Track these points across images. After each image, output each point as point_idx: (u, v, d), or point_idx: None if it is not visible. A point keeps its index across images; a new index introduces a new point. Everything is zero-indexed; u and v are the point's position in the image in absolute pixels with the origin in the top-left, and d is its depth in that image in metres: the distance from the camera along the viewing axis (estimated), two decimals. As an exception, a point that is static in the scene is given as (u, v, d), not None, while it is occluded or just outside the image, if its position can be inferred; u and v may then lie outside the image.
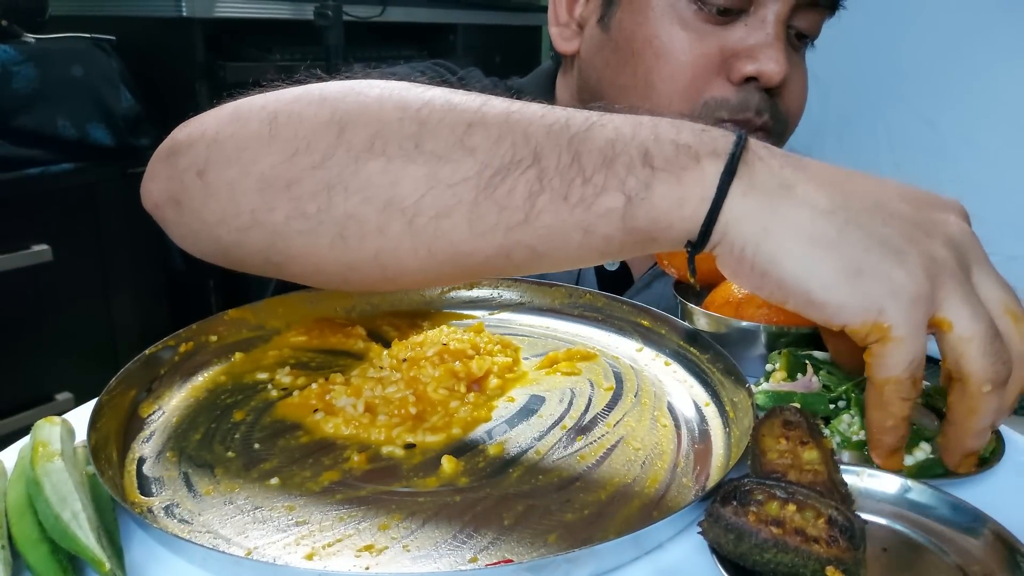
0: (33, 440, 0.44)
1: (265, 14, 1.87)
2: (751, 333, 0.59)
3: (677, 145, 0.41)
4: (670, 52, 0.71)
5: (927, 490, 0.43)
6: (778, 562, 0.36)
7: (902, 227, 0.40)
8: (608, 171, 0.41)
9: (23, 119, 1.51)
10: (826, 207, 0.40)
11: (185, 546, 0.38)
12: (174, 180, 0.50)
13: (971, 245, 0.41)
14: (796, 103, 0.76)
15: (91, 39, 1.68)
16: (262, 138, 0.46)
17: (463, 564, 0.39)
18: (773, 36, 0.69)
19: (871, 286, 0.39)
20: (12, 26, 1.56)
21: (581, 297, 0.68)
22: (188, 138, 0.50)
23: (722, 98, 0.71)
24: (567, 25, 0.81)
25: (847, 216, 0.40)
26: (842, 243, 0.39)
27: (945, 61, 2.04)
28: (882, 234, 0.39)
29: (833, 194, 0.40)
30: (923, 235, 0.40)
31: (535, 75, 0.91)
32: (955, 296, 0.39)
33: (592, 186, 0.41)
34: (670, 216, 0.41)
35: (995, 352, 0.39)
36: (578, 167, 0.41)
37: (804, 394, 0.52)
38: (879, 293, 0.38)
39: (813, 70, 0.81)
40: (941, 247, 0.39)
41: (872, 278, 0.39)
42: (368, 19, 2.03)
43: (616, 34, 0.75)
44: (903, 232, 0.39)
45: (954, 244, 0.40)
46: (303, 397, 0.53)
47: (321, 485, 0.45)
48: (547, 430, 0.51)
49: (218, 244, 0.50)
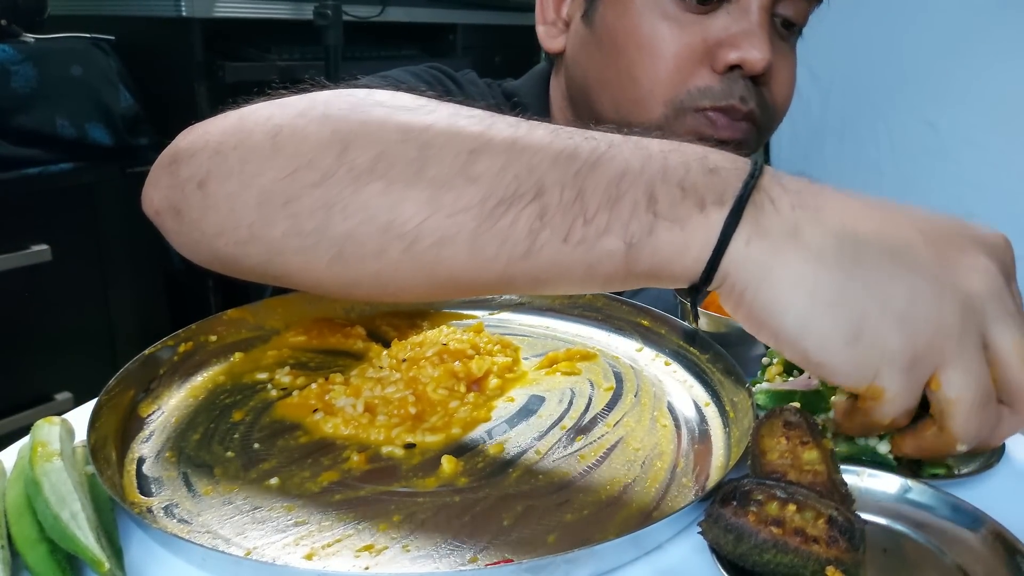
0: (32, 440, 0.44)
1: (264, 14, 1.86)
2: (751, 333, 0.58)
3: (684, 189, 0.40)
4: (652, 44, 0.71)
5: (927, 490, 0.43)
6: (778, 562, 0.36)
7: (912, 285, 0.37)
8: (611, 213, 0.40)
9: (22, 119, 1.51)
10: (831, 259, 0.38)
11: (184, 546, 0.38)
12: (175, 189, 0.49)
13: (992, 297, 0.38)
14: (783, 92, 0.75)
15: (90, 39, 1.68)
16: (264, 152, 0.46)
17: (463, 564, 0.39)
18: (756, 24, 0.69)
19: (868, 352, 0.38)
20: (11, 26, 1.56)
21: (581, 297, 0.68)
22: (190, 147, 0.49)
23: (705, 87, 0.70)
24: (554, 23, 0.81)
25: (852, 271, 0.38)
26: (842, 303, 0.37)
27: (945, 61, 2.04)
28: (887, 294, 0.37)
29: (843, 243, 0.38)
30: (933, 296, 0.37)
31: (529, 76, 0.91)
32: (951, 362, 0.37)
33: (594, 227, 0.40)
34: (672, 263, 0.40)
35: (980, 418, 0.39)
36: (581, 205, 0.40)
37: (804, 393, 0.52)
38: (875, 359, 0.38)
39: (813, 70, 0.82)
40: (950, 308, 0.37)
41: (870, 344, 0.37)
42: (368, 19, 2.03)
43: (599, 29, 0.75)
44: (911, 292, 0.37)
45: (968, 302, 0.38)
46: (302, 397, 0.53)
47: (320, 485, 0.45)
48: (547, 430, 0.51)
49: (217, 255, 0.49)
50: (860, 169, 2.17)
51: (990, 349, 0.38)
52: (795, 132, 2.28)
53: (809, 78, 2.24)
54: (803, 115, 2.26)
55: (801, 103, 2.26)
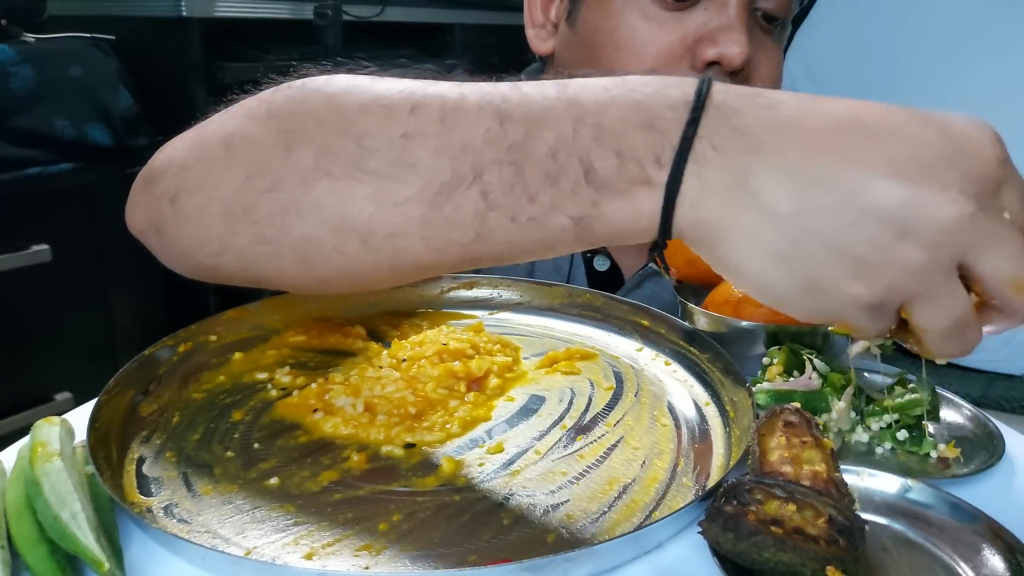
0: (32, 440, 0.44)
1: (264, 14, 1.86)
2: (751, 333, 0.59)
3: (620, 155, 0.38)
4: (631, 44, 0.71)
5: (927, 490, 0.43)
6: (778, 561, 0.36)
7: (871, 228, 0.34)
8: (554, 190, 0.39)
9: (21, 119, 1.51)
10: (784, 211, 0.35)
11: (184, 546, 0.38)
12: (151, 207, 0.50)
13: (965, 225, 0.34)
14: (767, 86, 0.72)
15: (89, 39, 1.68)
16: (221, 162, 0.47)
17: (463, 564, 0.39)
18: (734, 18, 0.68)
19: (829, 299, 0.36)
20: (10, 26, 1.56)
21: (580, 297, 0.68)
22: (161, 165, 0.50)
23: None
24: (543, 26, 0.81)
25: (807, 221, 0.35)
26: (798, 256, 0.35)
27: (945, 61, 2.04)
28: (843, 242, 0.35)
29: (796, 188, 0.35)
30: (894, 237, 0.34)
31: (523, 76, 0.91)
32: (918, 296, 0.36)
33: (539, 206, 0.39)
34: (625, 231, 0.39)
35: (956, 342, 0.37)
36: (522, 185, 0.39)
37: (804, 393, 0.52)
38: (837, 306, 0.37)
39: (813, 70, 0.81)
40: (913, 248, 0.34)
41: (830, 292, 0.36)
42: (367, 19, 2.03)
43: (581, 30, 0.75)
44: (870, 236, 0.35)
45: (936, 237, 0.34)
46: (302, 397, 0.53)
47: (320, 485, 0.45)
48: (547, 430, 0.51)
49: (199, 267, 0.50)
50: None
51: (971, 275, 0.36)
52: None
53: (809, 78, 2.24)
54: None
55: (801, 103, 2.26)
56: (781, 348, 0.56)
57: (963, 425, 0.54)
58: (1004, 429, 0.52)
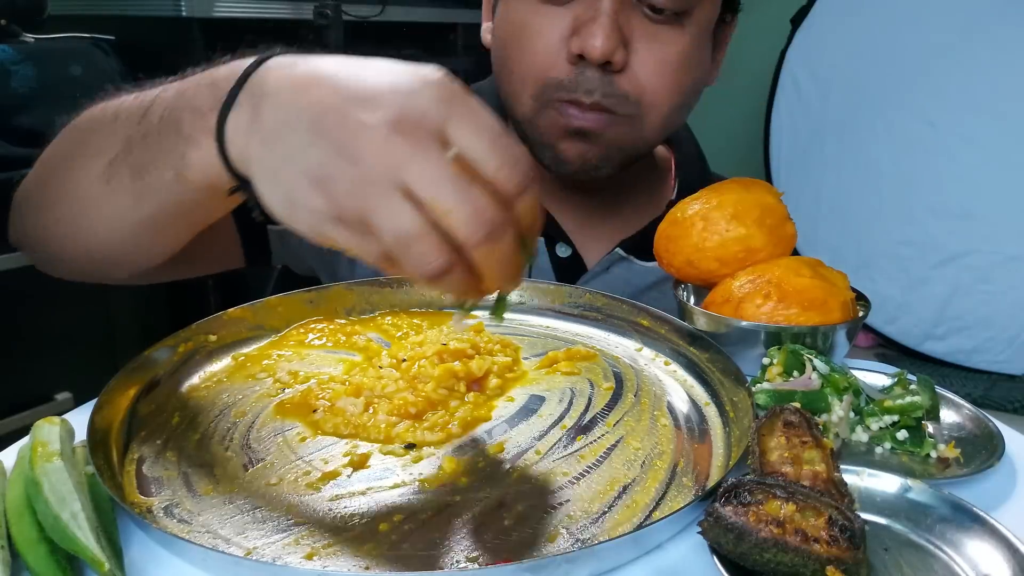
0: (32, 440, 0.44)
1: (264, 14, 1.86)
2: (751, 333, 0.59)
3: (194, 110, 0.47)
4: (517, 38, 0.73)
5: (927, 490, 0.43)
6: (778, 562, 0.36)
7: (321, 151, 0.40)
8: (161, 148, 0.49)
9: (22, 118, 1.51)
10: (268, 140, 0.42)
11: (184, 546, 0.38)
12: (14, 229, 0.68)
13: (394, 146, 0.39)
14: (653, 80, 0.71)
15: (90, 39, 1.68)
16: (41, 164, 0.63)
17: (463, 564, 0.39)
18: (599, 11, 0.68)
19: (304, 214, 0.41)
20: (11, 25, 1.56)
21: (580, 297, 0.68)
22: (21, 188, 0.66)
23: (557, 79, 0.71)
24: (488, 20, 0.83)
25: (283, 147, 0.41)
26: (280, 177, 0.42)
27: (945, 61, 2.04)
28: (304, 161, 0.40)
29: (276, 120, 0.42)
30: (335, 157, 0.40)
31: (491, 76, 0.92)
32: (367, 214, 0.39)
33: (157, 166, 0.49)
34: (211, 173, 0.46)
35: (408, 257, 0.40)
36: (148, 153, 0.50)
37: (804, 393, 0.52)
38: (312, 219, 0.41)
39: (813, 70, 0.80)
40: (348, 165, 0.39)
41: (302, 208, 0.41)
42: (368, 19, 2.03)
43: (496, 24, 0.78)
44: (321, 157, 0.40)
45: (365, 157, 0.39)
46: (303, 396, 0.53)
47: (321, 485, 0.45)
48: (547, 430, 0.51)
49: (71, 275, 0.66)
50: (860, 168, 2.17)
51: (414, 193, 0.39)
52: (795, 132, 2.28)
53: (809, 78, 2.24)
54: (803, 115, 2.26)
55: (801, 103, 2.26)
56: (781, 348, 0.56)
57: (963, 425, 0.54)
58: (1004, 429, 0.52)
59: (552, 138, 0.73)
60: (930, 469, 0.49)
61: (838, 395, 0.52)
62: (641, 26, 0.70)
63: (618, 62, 0.69)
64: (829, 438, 0.50)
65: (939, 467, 0.49)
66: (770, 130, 2.33)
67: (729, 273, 0.63)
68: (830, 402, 0.52)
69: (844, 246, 2.17)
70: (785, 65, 2.27)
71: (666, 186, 0.90)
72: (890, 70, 2.13)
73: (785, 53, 2.26)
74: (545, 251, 0.83)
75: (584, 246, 0.85)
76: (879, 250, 2.13)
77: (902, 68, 2.11)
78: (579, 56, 0.69)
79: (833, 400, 0.52)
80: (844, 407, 0.51)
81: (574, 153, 0.73)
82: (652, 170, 0.89)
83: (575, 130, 0.72)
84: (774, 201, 0.64)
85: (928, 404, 0.52)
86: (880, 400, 0.53)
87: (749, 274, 0.61)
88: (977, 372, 2.03)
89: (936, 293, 2.06)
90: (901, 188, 2.10)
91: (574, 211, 0.85)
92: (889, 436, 0.51)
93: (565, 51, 0.70)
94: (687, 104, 0.78)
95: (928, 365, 2.06)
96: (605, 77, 0.70)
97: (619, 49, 0.68)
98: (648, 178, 0.88)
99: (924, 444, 0.50)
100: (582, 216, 0.85)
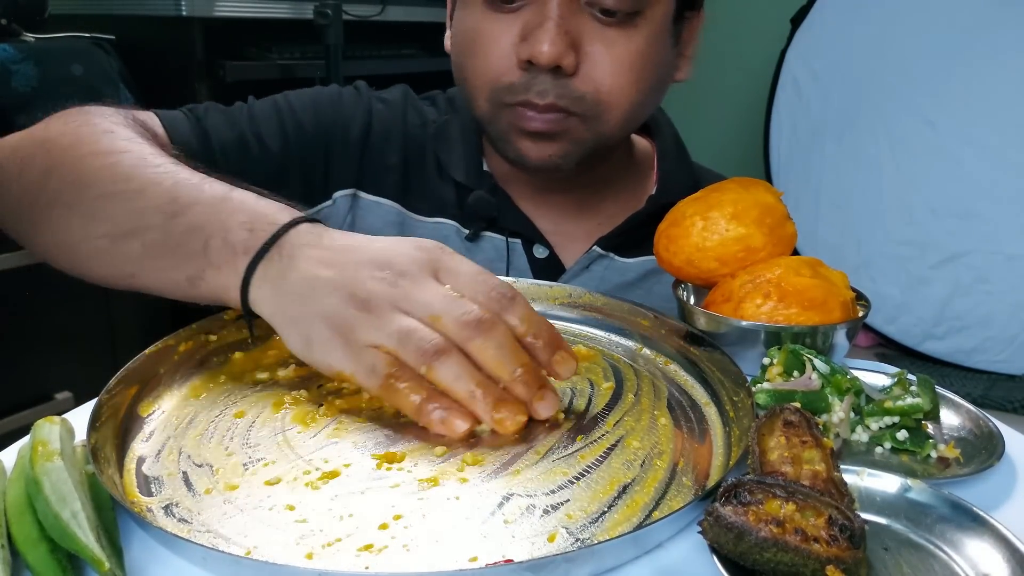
0: (33, 439, 0.44)
1: (265, 13, 1.86)
2: (751, 333, 0.59)
3: (226, 242, 0.53)
4: (470, 45, 0.74)
5: (927, 490, 0.43)
6: (778, 561, 0.36)
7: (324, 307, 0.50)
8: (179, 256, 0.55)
9: (23, 118, 1.50)
10: (295, 295, 0.51)
11: (185, 545, 0.38)
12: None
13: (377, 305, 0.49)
14: (606, 81, 0.71)
15: (91, 38, 1.68)
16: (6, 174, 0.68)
17: (463, 564, 0.39)
18: (546, 17, 0.68)
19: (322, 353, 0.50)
20: (12, 25, 1.56)
21: (581, 297, 0.68)
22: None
23: (508, 84, 0.71)
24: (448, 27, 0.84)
25: (305, 303, 0.51)
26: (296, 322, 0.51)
27: (945, 61, 2.04)
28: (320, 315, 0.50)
29: (301, 282, 0.51)
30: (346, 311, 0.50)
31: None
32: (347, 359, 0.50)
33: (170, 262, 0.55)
34: (222, 295, 0.54)
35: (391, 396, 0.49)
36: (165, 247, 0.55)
37: (804, 393, 0.52)
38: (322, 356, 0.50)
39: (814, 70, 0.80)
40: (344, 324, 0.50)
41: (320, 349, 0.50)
42: (368, 18, 2.03)
43: (453, 31, 0.79)
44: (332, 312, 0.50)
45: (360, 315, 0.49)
46: (303, 396, 0.53)
47: (321, 484, 0.45)
48: (547, 430, 0.51)
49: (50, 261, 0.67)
50: (860, 168, 2.17)
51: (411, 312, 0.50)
52: (795, 132, 2.28)
53: (809, 78, 2.24)
54: (803, 115, 2.26)
55: (801, 103, 2.26)
56: (781, 348, 0.56)
57: (963, 425, 0.54)
58: (1004, 429, 0.52)
59: (511, 138, 0.74)
60: (930, 469, 0.49)
61: (839, 395, 0.52)
62: (592, 29, 0.70)
63: (568, 66, 0.69)
64: (829, 438, 0.50)
65: (939, 467, 0.49)
66: (770, 130, 2.33)
67: (729, 273, 0.63)
68: (830, 402, 0.52)
69: (844, 246, 2.17)
70: (785, 65, 2.27)
71: (648, 180, 0.89)
72: (890, 70, 2.13)
73: (785, 53, 2.26)
74: (523, 253, 0.84)
75: (562, 246, 0.85)
76: (879, 250, 2.13)
77: (902, 68, 2.11)
78: (528, 62, 0.69)
79: (833, 400, 0.52)
80: (844, 407, 0.51)
81: (535, 152, 0.74)
82: (630, 165, 0.89)
83: (532, 132, 0.72)
84: (774, 201, 0.64)
85: (929, 406, 0.52)
86: (880, 401, 0.53)
87: (749, 274, 0.61)
88: (977, 372, 2.04)
89: (936, 293, 2.06)
90: (901, 188, 2.10)
91: (550, 211, 0.85)
92: (889, 436, 0.51)
93: (515, 57, 0.70)
94: (650, 100, 0.78)
95: (928, 365, 2.06)
96: (557, 81, 0.70)
97: (567, 53, 0.69)
98: (626, 173, 0.88)
99: (924, 445, 0.50)
100: (558, 216, 0.85)
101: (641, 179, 0.89)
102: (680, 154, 0.90)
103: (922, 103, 2.07)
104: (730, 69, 2.46)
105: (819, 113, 2.23)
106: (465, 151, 0.85)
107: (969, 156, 2.00)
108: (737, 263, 0.62)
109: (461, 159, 0.84)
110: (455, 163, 0.84)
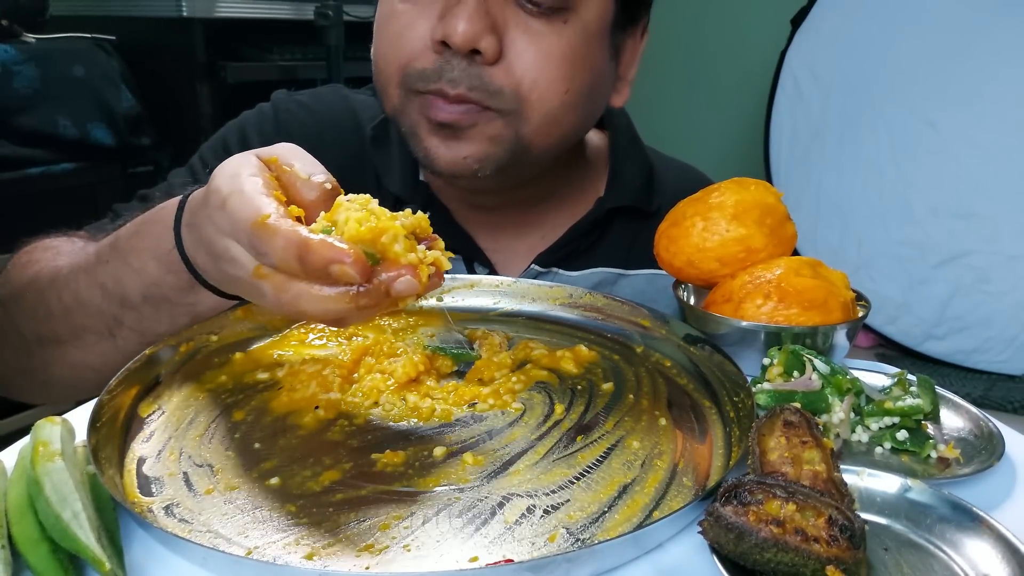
0: (33, 440, 0.44)
1: (265, 14, 1.87)
2: (751, 333, 0.59)
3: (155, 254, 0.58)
4: (384, 29, 0.70)
5: (927, 490, 0.43)
6: (778, 561, 0.36)
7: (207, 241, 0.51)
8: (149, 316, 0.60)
9: (24, 119, 1.51)
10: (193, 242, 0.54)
11: (185, 546, 0.38)
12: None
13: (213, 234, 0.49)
14: (528, 74, 0.67)
15: (92, 39, 1.68)
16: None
17: (463, 564, 0.39)
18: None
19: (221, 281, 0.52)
20: (13, 26, 1.56)
21: (581, 297, 0.68)
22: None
23: (420, 70, 0.67)
24: None
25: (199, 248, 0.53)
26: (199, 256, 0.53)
27: (945, 61, 2.04)
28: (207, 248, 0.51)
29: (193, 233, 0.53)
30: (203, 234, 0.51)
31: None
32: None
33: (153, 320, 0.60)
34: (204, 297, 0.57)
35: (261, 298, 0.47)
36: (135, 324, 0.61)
37: (804, 393, 0.52)
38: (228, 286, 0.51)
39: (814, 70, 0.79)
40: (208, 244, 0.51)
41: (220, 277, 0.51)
42: (368, 19, 2.02)
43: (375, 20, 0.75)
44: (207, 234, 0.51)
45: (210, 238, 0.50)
46: (304, 396, 0.53)
47: (321, 485, 0.45)
48: (547, 430, 0.51)
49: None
50: (860, 168, 2.17)
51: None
52: (795, 132, 2.28)
53: (809, 79, 2.24)
54: (803, 115, 2.26)
55: (801, 103, 2.26)
56: (781, 348, 0.56)
57: (963, 425, 0.54)
58: (1004, 429, 0.52)
59: (420, 132, 0.69)
60: (930, 469, 0.49)
61: (839, 395, 0.52)
62: (516, 17, 0.66)
63: (487, 50, 0.65)
64: (829, 438, 0.50)
65: (939, 467, 0.49)
66: (770, 130, 2.33)
67: (729, 273, 0.63)
68: (830, 402, 0.52)
69: (844, 246, 2.17)
70: (785, 65, 2.26)
71: (600, 179, 0.84)
72: (890, 70, 2.12)
73: (785, 53, 2.26)
74: (464, 271, 0.79)
75: (503, 264, 0.81)
76: (879, 250, 2.13)
77: (902, 68, 2.11)
78: (443, 44, 0.65)
79: (833, 400, 0.52)
80: (845, 407, 0.51)
81: (444, 152, 0.68)
82: (579, 166, 0.84)
83: (440, 123, 0.67)
84: (774, 201, 0.64)
85: (929, 406, 0.52)
86: (881, 401, 0.53)
87: (749, 274, 0.61)
88: (977, 372, 2.03)
89: (936, 293, 2.06)
90: (901, 188, 2.10)
91: (489, 226, 0.81)
92: (889, 436, 0.51)
93: (429, 38, 0.66)
94: (581, 114, 0.72)
95: (928, 365, 2.06)
96: (473, 69, 0.66)
97: (486, 35, 0.64)
98: (569, 183, 0.83)
99: (924, 445, 0.50)
100: (498, 231, 0.81)
101: (593, 179, 0.84)
102: (633, 148, 0.85)
103: (922, 103, 2.07)
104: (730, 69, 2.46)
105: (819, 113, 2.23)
106: (401, 158, 0.79)
107: (969, 156, 2.00)
108: (737, 264, 0.62)
109: (396, 168, 0.79)
110: (391, 172, 0.79)
